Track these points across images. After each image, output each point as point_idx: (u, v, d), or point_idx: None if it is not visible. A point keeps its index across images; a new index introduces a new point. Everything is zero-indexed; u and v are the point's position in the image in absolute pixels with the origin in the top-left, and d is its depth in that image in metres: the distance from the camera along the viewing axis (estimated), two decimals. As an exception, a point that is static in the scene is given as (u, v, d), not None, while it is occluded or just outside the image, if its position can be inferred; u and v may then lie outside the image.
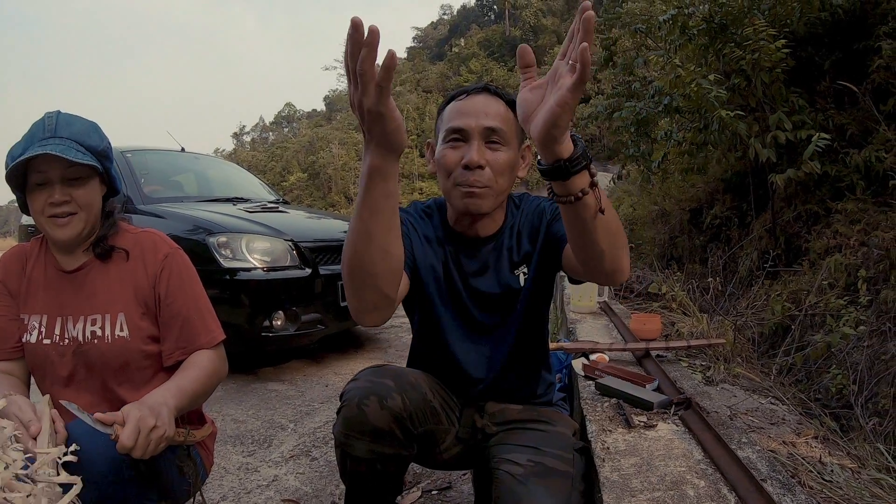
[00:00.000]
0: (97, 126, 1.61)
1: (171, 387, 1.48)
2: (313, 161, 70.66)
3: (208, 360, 1.64)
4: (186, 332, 1.65)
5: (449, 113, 1.51)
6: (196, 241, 4.04)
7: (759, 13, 4.79)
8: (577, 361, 2.50)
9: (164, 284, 1.64)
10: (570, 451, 1.47)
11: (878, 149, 4.22)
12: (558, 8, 77.46)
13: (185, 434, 1.51)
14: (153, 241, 1.69)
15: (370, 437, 1.42)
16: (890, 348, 3.01)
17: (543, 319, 1.72)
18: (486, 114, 1.46)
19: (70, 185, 1.53)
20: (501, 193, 1.50)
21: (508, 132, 1.48)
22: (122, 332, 1.61)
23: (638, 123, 6.37)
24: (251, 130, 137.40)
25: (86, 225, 1.58)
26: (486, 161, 1.44)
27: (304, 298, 4.18)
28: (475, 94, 1.51)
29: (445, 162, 1.47)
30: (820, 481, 1.57)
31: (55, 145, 1.47)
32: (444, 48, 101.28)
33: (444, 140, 1.49)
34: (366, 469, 1.47)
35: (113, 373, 1.62)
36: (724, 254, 5.68)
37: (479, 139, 1.45)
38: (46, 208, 1.52)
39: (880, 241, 3.68)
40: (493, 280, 1.61)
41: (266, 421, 3.41)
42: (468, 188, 1.44)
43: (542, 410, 1.70)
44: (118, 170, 1.90)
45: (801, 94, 4.79)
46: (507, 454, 1.43)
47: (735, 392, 2.36)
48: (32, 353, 1.63)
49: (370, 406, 1.40)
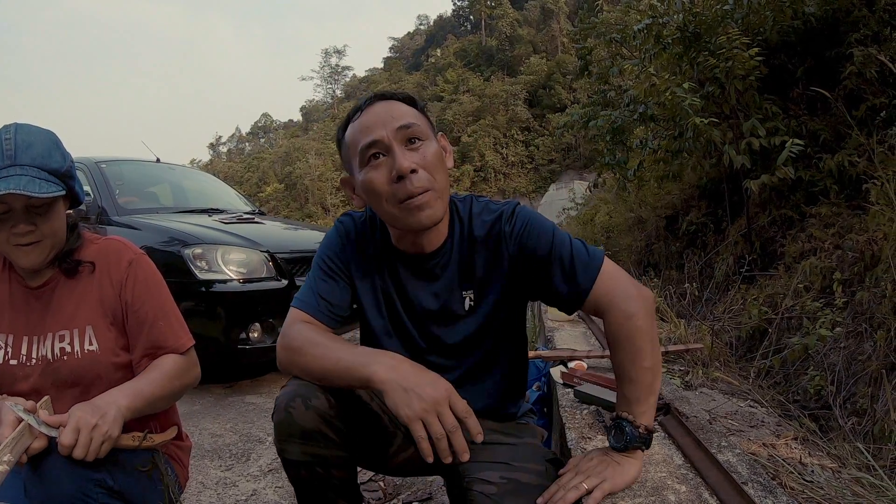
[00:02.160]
0: (56, 140, 1.53)
1: (126, 387, 1.46)
2: (290, 172, 70.44)
3: (172, 362, 1.60)
4: (154, 337, 1.61)
5: (352, 135, 1.39)
6: (171, 252, 3.98)
7: (733, 22, 4.86)
8: (556, 369, 2.50)
9: (129, 291, 1.61)
10: (541, 462, 1.44)
11: (850, 153, 4.29)
12: (534, 18, 78.31)
13: (142, 438, 1.47)
14: (117, 250, 1.65)
15: (300, 439, 1.38)
16: (866, 349, 3.04)
17: (507, 342, 1.59)
18: (392, 116, 1.34)
19: (34, 214, 1.47)
20: (445, 192, 1.39)
21: (422, 126, 1.37)
22: (92, 346, 1.57)
23: (613, 132, 6.43)
24: (228, 141, 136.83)
25: (52, 250, 1.53)
26: (416, 163, 1.32)
27: (280, 310, 4.12)
28: (370, 105, 1.39)
29: (374, 186, 1.34)
30: (801, 482, 1.57)
31: (17, 178, 1.39)
32: (421, 58, 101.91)
33: (362, 164, 1.36)
34: (307, 474, 1.43)
35: (86, 388, 1.57)
36: (701, 259, 5.73)
37: (399, 144, 1.33)
38: (10, 237, 1.46)
39: (854, 244, 3.72)
40: (436, 301, 1.51)
41: (244, 435, 3.37)
42: (412, 200, 1.31)
43: (508, 423, 1.64)
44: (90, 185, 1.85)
45: (774, 100, 4.86)
46: (478, 473, 1.39)
47: (714, 396, 2.36)
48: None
49: (296, 408, 1.36)
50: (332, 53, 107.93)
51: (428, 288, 1.51)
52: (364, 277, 1.54)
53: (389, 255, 1.52)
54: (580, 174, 38.43)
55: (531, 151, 61.89)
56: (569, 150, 57.21)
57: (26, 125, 1.50)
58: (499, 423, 1.61)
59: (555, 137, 53.90)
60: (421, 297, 1.51)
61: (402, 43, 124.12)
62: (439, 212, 1.36)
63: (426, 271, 1.50)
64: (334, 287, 1.51)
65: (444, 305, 1.50)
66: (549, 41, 71.27)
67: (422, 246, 1.46)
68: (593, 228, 10.87)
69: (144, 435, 1.48)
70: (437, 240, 1.47)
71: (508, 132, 63.06)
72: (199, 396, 4.04)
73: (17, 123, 1.49)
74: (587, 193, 13.70)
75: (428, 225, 1.36)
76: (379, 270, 1.53)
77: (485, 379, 1.57)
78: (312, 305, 1.47)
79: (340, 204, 65.26)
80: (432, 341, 1.54)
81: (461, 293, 1.50)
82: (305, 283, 1.54)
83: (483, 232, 1.47)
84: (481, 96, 66.16)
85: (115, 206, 4.66)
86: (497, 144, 61.75)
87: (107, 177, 4.90)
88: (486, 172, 60.04)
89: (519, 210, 1.47)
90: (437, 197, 1.35)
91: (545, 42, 72.43)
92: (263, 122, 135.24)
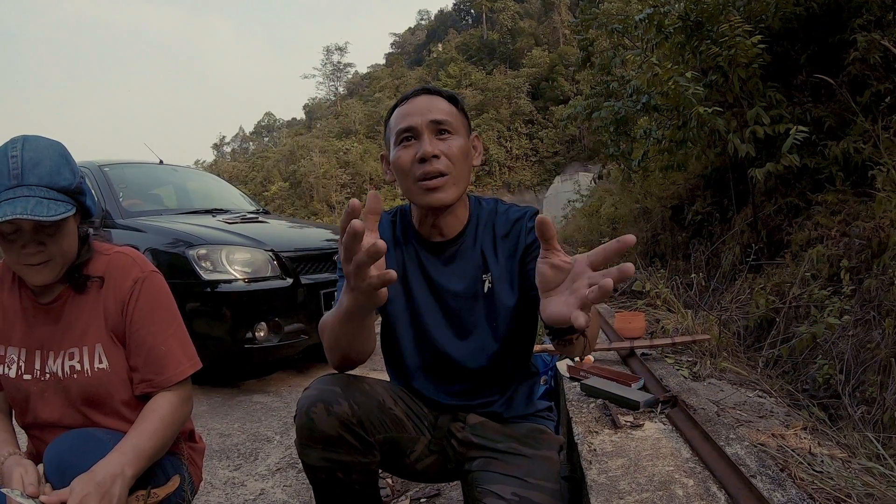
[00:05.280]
0: (65, 154, 1.49)
1: (128, 450, 1.40)
2: (294, 170, 70.38)
3: (168, 406, 1.55)
4: (152, 362, 1.56)
5: (395, 119, 1.56)
6: (176, 254, 3.99)
7: (735, 10, 4.81)
8: (562, 363, 2.49)
9: (130, 311, 1.56)
10: (557, 481, 1.45)
11: (855, 140, 4.25)
12: (535, 11, 78.09)
13: (146, 496, 1.44)
14: (125, 265, 1.60)
15: (321, 445, 1.41)
16: (875, 336, 3.01)
17: (521, 330, 1.64)
18: (429, 109, 1.51)
19: (44, 234, 1.43)
20: (461, 181, 1.53)
21: (455, 122, 1.53)
22: (102, 364, 1.55)
23: (617, 123, 6.41)
24: (231, 141, 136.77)
25: (62, 267, 1.50)
26: (440, 150, 1.48)
27: (286, 309, 4.14)
28: (415, 96, 1.56)
29: (401, 163, 1.51)
30: (811, 472, 1.55)
31: (25, 200, 1.35)
32: (423, 53, 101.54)
33: (396, 143, 1.53)
34: (325, 477, 1.45)
35: (96, 405, 1.56)
36: (707, 249, 5.69)
37: (429, 133, 1.49)
38: (20, 257, 1.43)
39: (861, 231, 3.70)
40: (458, 282, 1.60)
41: (251, 434, 3.37)
42: (428, 181, 1.47)
43: (526, 429, 1.63)
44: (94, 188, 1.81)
45: (778, 88, 4.82)
46: (491, 485, 1.41)
47: (722, 387, 2.35)
48: (12, 387, 1.57)
49: (317, 413, 1.39)
50: (334, 51, 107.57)
51: (448, 269, 1.61)
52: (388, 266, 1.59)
53: (412, 242, 1.65)
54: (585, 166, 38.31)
55: (535, 144, 61.70)
56: (573, 141, 56.99)
57: (33, 138, 1.45)
58: (516, 426, 1.63)
59: (558, 129, 53.85)
60: (442, 278, 1.61)
61: (403, 38, 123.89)
62: (451, 196, 1.50)
63: (446, 255, 1.61)
64: None
65: (465, 285, 1.59)
66: (551, 33, 70.98)
67: (441, 231, 1.60)
68: (598, 220, 10.81)
69: (148, 492, 1.46)
70: (456, 226, 1.61)
71: (512, 125, 62.86)
72: (207, 396, 4.05)
73: (25, 137, 1.45)
74: (592, 185, 13.65)
75: (438, 206, 1.50)
76: (400, 257, 1.64)
77: (499, 361, 1.62)
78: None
79: (345, 201, 65.09)
80: (452, 317, 1.61)
81: (481, 276, 1.59)
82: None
83: (507, 228, 1.60)
84: (484, 90, 65.93)
85: (119, 209, 4.67)
86: (501, 138, 61.54)
87: (110, 180, 4.92)
88: (491, 166, 59.87)
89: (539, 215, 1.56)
90: (452, 184, 1.50)
91: (547, 34, 72.13)
92: (267, 121, 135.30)
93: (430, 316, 1.61)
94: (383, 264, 1.14)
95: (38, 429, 1.59)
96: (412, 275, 1.62)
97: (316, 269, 4.39)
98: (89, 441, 1.45)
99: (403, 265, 1.63)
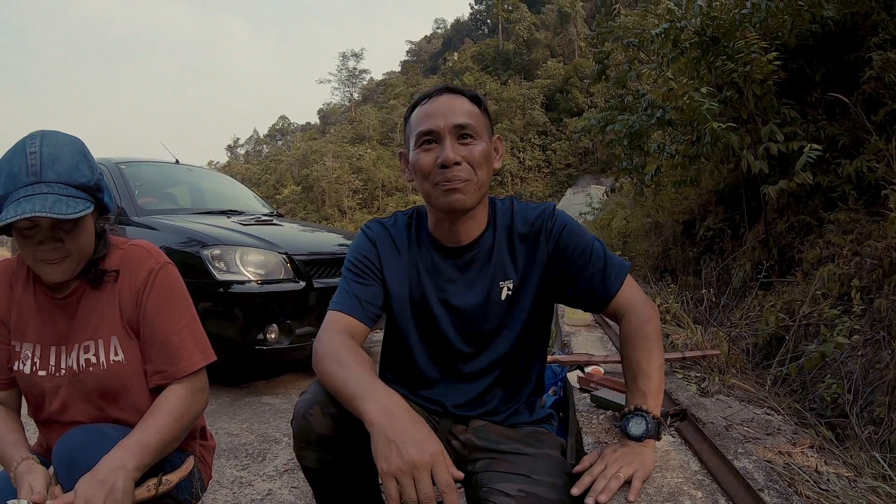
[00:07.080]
0: (84, 150, 1.47)
1: (131, 444, 1.38)
2: (307, 174, 70.67)
3: (177, 399, 1.51)
4: (165, 354, 1.54)
5: (416, 118, 1.52)
6: (190, 253, 4.02)
7: (751, 26, 4.84)
8: (573, 374, 2.50)
9: (144, 301, 1.54)
10: (561, 476, 1.43)
11: (869, 159, 4.26)
12: (551, 22, 78.15)
13: (157, 484, 1.43)
14: (139, 257, 1.58)
15: (317, 446, 1.39)
16: (884, 357, 3.01)
17: (534, 338, 1.64)
18: (452, 112, 1.46)
19: (61, 230, 1.42)
20: (482, 186, 1.49)
21: (478, 126, 1.48)
22: (118, 357, 1.54)
23: (631, 136, 6.42)
24: (245, 143, 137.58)
25: (79, 264, 1.49)
26: (462, 157, 1.44)
27: (298, 311, 4.16)
28: (437, 95, 1.51)
29: (421, 166, 1.47)
30: (817, 490, 1.56)
31: (43, 198, 1.34)
32: (438, 62, 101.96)
33: (416, 145, 1.49)
34: (325, 479, 1.45)
35: (112, 398, 1.55)
36: (718, 265, 5.69)
37: (451, 137, 1.45)
38: (37, 253, 1.42)
39: (873, 251, 3.69)
40: (473, 291, 1.57)
41: (260, 434, 3.39)
42: (448, 184, 1.43)
43: (527, 431, 1.63)
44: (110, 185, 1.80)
45: (792, 105, 4.83)
46: (497, 483, 1.39)
47: (730, 403, 2.36)
48: (27, 384, 1.57)
49: (314, 415, 1.38)
50: (350, 56, 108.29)
51: (464, 277, 1.58)
52: (397, 273, 1.59)
53: (427, 246, 1.60)
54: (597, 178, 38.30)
55: (548, 155, 61.74)
56: (586, 154, 56.97)
57: (52, 133, 1.43)
58: (517, 429, 1.62)
59: (572, 142, 53.78)
60: (456, 286, 1.57)
61: (419, 46, 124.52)
62: (470, 200, 1.46)
63: (463, 261, 1.57)
64: (367, 288, 1.55)
65: (480, 293, 1.56)
66: (567, 45, 71.04)
67: (458, 236, 1.55)
68: (610, 233, 10.79)
69: (159, 480, 1.44)
70: (474, 231, 1.56)
71: (525, 136, 62.94)
72: (216, 396, 4.07)
73: (44, 132, 1.43)
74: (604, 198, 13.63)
75: (457, 208, 1.46)
76: (413, 263, 1.60)
77: (510, 370, 1.61)
78: (349, 305, 1.51)
79: (357, 206, 65.45)
80: (464, 325, 1.58)
81: (499, 283, 1.56)
82: (339, 287, 1.57)
83: (526, 228, 1.57)
84: (498, 100, 65.97)
85: (135, 206, 4.71)
86: (514, 148, 61.56)
87: (126, 178, 4.96)
88: (503, 176, 59.83)
89: (557, 211, 1.59)
90: (474, 188, 1.46)
91: (562, 46, 72.20)
92: (281, 124, 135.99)
93: (441, 324, 1.57)
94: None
95: (52, 424, 1.59)
96: (424, 280, 1.58)
97: (328, 273, 4.41)
98: (98, 437, 1.44)
99: (416, 269, 1.59)
